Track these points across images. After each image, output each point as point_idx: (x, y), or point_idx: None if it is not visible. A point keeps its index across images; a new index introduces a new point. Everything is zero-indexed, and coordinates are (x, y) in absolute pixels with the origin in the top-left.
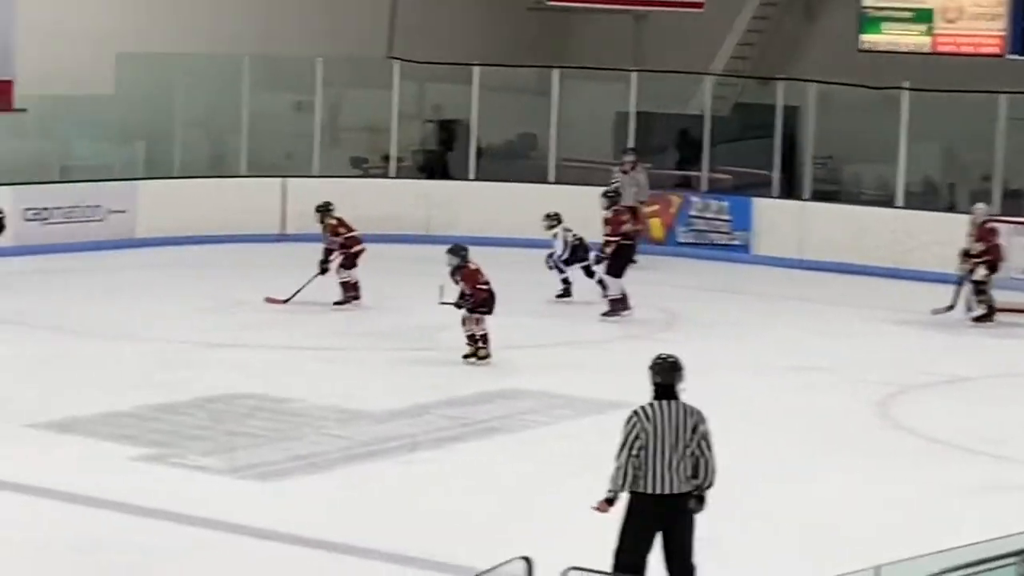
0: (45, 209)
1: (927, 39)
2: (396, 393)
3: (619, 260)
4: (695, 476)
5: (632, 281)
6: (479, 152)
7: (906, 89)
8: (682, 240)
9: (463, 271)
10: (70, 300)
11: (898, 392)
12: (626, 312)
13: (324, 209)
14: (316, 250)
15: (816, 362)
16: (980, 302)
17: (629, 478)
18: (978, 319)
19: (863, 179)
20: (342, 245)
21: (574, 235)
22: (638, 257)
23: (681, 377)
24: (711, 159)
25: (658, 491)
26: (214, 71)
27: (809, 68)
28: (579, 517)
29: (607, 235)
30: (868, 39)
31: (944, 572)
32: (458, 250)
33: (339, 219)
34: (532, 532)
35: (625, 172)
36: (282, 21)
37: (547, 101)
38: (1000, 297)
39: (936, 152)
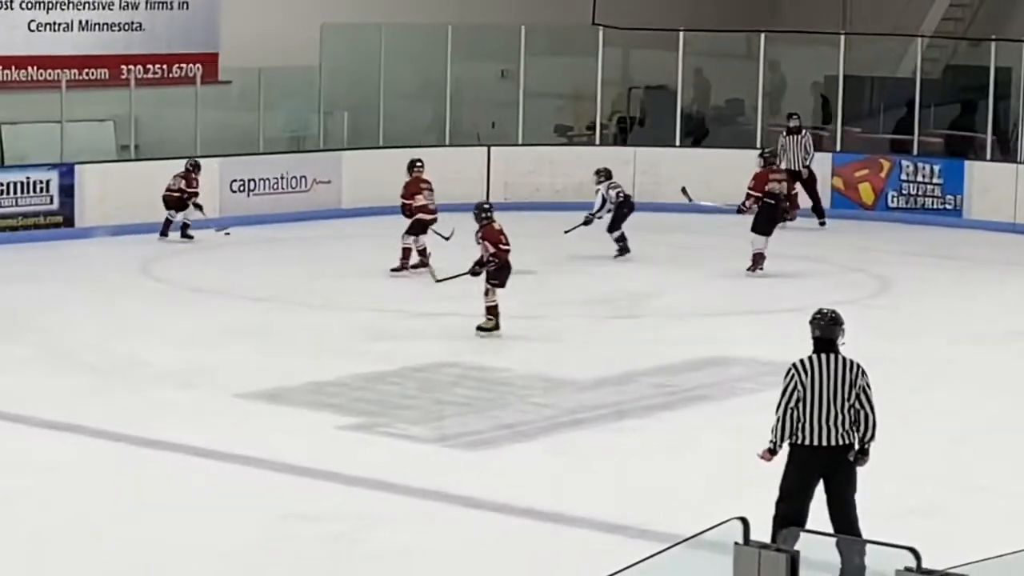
0: (251, 180)
1: None
2: (602, 361)
3: (763, 217)
4: (857, 429)
5: (843, 246)
6: (685, 118)
7: None
8: (893, 204)
9: (485, 230)
10: (276, 271)
11: None
12: (759, 271)
13: (410, 165)
14: (523, 217)
15: None
16: None
17: (788, 430)
18: None
19: None
20: (403, 207)
21: (619, 192)
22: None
23: (842, 332)
24: (922, 122)
25: (816, 443)
26: (418, 41)
27: (1023, 28)
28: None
29: (750, 188)
30: None
31: None
32: (480, 208)
33: (415, 178)
34: (739, 499)
35: (790, 135)
36: None
37: (755, 66)
38: None
39: None
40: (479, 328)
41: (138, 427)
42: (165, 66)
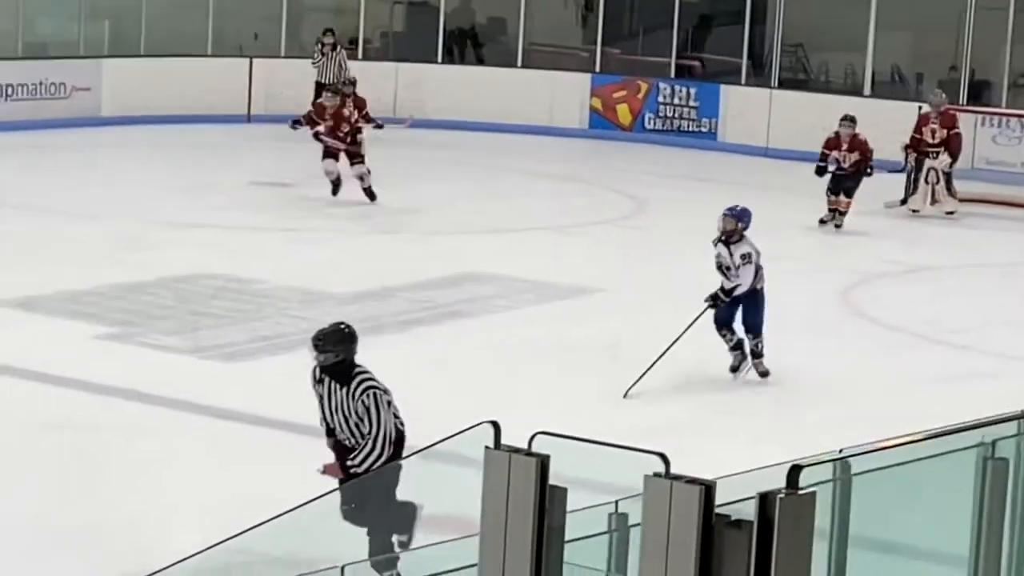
0: (9, 86)
1: None
2: (362, 275)
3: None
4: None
5: (600, 167)
6: (448, 35)
7: None
8: (650, 127)
9: None
10: (34, 178)
11: (860, 282)
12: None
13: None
14: (284, 130)
15: (780, 251)
16: (949, 192)
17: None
18: (948, 213)
19: (831, 67)
20: None
21: None
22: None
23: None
24: (680, 45)
25: None
26: None
27: None
28: (538, 398)
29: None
30: None
31: (908, 462)
32: None
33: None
34: (494, 412)
35: (324, 54)
36: None
37: None
38: (963, 188)
39: (905, 41)
40: None
41: None
42: None
